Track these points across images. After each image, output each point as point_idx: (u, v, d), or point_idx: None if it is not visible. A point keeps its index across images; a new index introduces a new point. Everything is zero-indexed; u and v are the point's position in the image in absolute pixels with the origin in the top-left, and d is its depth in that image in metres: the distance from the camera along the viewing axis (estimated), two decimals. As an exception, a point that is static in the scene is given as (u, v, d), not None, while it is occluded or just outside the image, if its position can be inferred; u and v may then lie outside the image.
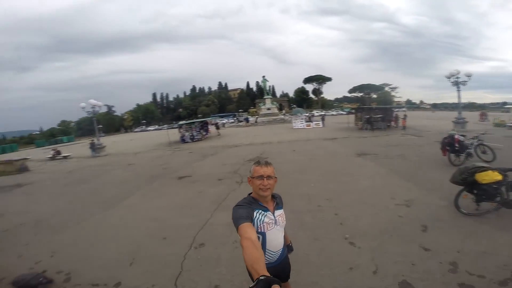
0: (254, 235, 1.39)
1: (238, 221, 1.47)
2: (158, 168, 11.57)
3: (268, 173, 1.67)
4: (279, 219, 1.77)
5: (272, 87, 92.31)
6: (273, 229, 1.70)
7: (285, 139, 17.64)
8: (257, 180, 1.66)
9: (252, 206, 1.64)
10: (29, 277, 3.22)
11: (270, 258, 1.71)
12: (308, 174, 7.82)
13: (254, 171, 1.70)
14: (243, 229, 1.40)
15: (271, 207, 1.74)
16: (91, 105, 21.02)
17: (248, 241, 1.30)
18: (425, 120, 27.81)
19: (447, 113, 37.06)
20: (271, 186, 1.68)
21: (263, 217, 1.65)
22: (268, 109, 40.15)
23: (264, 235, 1.66)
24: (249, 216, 1.55)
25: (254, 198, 1.71)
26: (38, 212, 6.69)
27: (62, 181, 11.08)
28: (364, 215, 4.52)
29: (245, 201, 1.69)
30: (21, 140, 65.55)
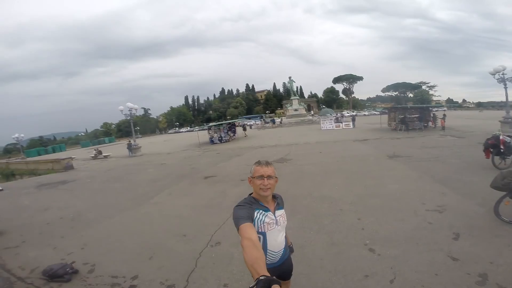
0: (255, 235, 1.39)
1: (239, 221, 1.46)
2: (186, 168, 12.05)
3: (268, 173, 1.67)
4: (280, 219, 1.74)
5: (300, 87, 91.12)
6: (274, 229, 1.68)
7: (312, 141, 17.29)
8: (258, 180, 1.65)
9: (253, 206, 1.63)
10: (57, 267, 3.54)
11: (272, 258, 1.70)
12: (333, 177, 7.58)
13: (254, 171, 1.70)
14: (244, 229, 1.40)
15: (272, 207, 1.72)
16: (129, 108, 22.55)
17: (249, 241, 1.30)
18: (468, 120, 25.45)
19: (494, 112, 33.46)
20: (271, 186, 1.67)
21: (264, 217, 1.64)
22: (295, 110, 39.63)
23: (265, 235, 1.64)
24: (250, 216, 1.54)
25: (255, 198, 1.70)
26: (77, 207, 7.34)
27: (101, 179, 12.03)
28: (389, 220, 4.26)
29: (245, 201, 1.67)
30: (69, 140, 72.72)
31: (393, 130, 19.52)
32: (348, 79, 77.15)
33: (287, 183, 7.36)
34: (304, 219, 4.63)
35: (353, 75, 76.97)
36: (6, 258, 4.33)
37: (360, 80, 77.85)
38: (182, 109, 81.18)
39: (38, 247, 4.73)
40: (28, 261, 4.13)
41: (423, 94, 69.56)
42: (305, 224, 4.41)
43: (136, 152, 21.46)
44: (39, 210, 7.45)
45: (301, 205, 5.44)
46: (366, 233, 3.87)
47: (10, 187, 12.84)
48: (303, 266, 3.09)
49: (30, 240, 5.12)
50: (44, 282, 3.43)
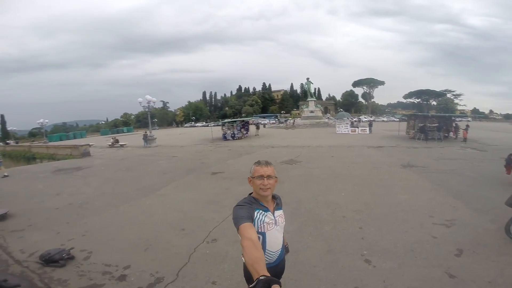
0: (255, 235, 1.38)
1: (239, 221, 1.46)
2: (196, 162, 12.17)
3: (268, 173, 1.67)
4: (279, 219, 1.74)
5: (318, 89, 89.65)
6: (273, 230, 1.68)
7: (325, 144, 16.95)
8: (257, 180, 1.65)
9: (253, 206, 1.62)
10: (54, 252, 3.63)
11: (269, 258, 1.68)
12: (341, 182, 7.38)
13: (254, 171, 1.70)
14: (244, 229, 1.39)
15: (271, 208, 1.72)
16: (147, 101, 23.14)
17: (249, 241, 1.30)
18: (493, 132, 24.05)
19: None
20: (271, 186, 1.67)
21: (264, 217, 1.63)
22: (311, 112, 39.07)
23: (264, 235, 1.64)
24: (250, 216, 1.54)
25: (255, 198, 1.69)
26: (86, 194, 7.57)
27: (114, 168, 12.38)
28: (392, 231, 4.08)
29: (245, 201, 1.66)
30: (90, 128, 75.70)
31: (411, 138, 18.77)
32: (368, 83, 75.06)
33: (293, 185, 7.26)
34: (304, 224, 4.52)
35: (374, 79, 74.82)
36: (10, 241, 4.51)
37: (382, 84, 75.60)
38: (199, 104, 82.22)
39: (42, 231, 4.90)
40: (29, 245, 4.27)
41: (448, 103, 66.37)
42: (304, 228, 4.31)
43: (151, 143, 21.97)
44: (51, 195, 7.75)
45: (304, 208, 5.33)
46: (365, 243, 3.72)
47: (29, 171, 13.50)
48: (295, 271, 3.01)
49: (36, 224, 5.31)
50: (39, 266, 3.53)
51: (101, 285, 3.00)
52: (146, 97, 22.94)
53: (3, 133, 58.45)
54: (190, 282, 2.99)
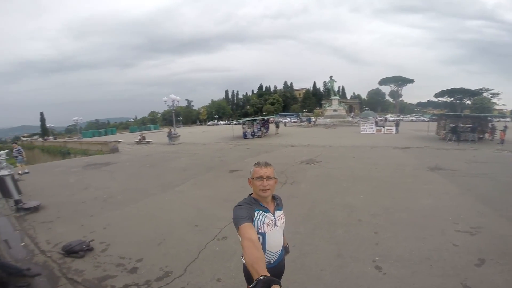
0: (255, 236, 1.39)
1: (239, 221, 1.46)
2: (216, 160, 12.38)
3: (267, 174, 1.67)
4: (279, 220, 1.75)
5: (342, 87, 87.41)
6: (273, 230, 1.68)
7: (348, 144, 16.44)
8: (257, 181, 1.66)
9: (253, 206, 1.63)
10: (75, 244, 3.87)
11: (269, 259, 1.69)
12: (361, 184, 7.11)
13: (254, 172, 1.71)
14: (244, 229, 1.40)
15: (271, 208, 1.73)
16: (172, 100, 23.96)
17: (249, 242, 1.30)
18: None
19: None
20: (271, 187, 1.67)
21: (264, 218, 1.64)
22: (334, 111, 38.04)
23: (264, 235, 1.65)
24: (250, 216, 1.55)
25: (255, 198, 1.70)
26: (111, 189, 7.99)
27: (139, 163, 12.96)
28: (409, 237, 3.86)
29: (246, 201, 1.67)
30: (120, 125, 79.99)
31: (442, 139, 17.61)
32: (396, 81, 71.52)
33: (310, 186, 7.12)
34: (317, 226, 4.42)
35: (402, 77, 71.12)
36: (39, 231, 4.87)
37: (410, 83, 71.69)
38: (222, 103, 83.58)
39: (68, 223, 5.24)
40: (55, 236, 4.59)
41: (484, 102, 61.32)
42: (316, 231, 4.21)
43: (175, 141, 22.73)
44: (80, 188, 8.28)
45: (318, 210, 5.21)
46: (379, 249, 3.56)
47: (63, 165, 14.56)
48: (301, 274, 2.95)
49: (64, 216, 5.70)
50: (61, 257, 3.78)
51: (113, 277, 3.16)
52: (170, 96, 23.76)
53: (43, 129, 63.64)
54: (196, 278, 3.05)
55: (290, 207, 5.43)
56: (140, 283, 3.00)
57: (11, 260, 3.70)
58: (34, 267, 3.43)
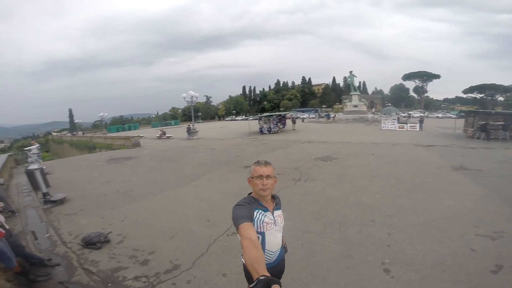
0: (254, 235, 1.39)
1: (239, 221, 1.47)
2: (231, 155, 12.50)
3: (267, 173, 1.67)
4: (278, 219, 1.75)
5: (363, 83, 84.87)
6: (272, 229, 1.69)
7: (367, 140, 15.92)
8: (257, 180, 1.65)
9: (252, 205, 1.63)
10: (94, 235, 4.09)
11: (268, 258, 1.70)
12: (378, 183, 6.87)
13: (253, 171, 1.70)
14: (244, 229, 1.41)
15: (270, 208, 1.73)
16: (190, 96, 24.43)
17: (249, 241, 1.31)
18: None
19: None
20: (270, 186, 1.67)
21: (263, 217, 1.64)
22: (354, 106, 36.88)
23: (264, 235, 1.65)
24: (250, 216, 1.55)
25: (255, 198, 1.70)
26: (132, 182, 8.32)
27: (158, 158, 13.39)
28: (424, 240, 3.69)
29: (245, 200, 1.68)
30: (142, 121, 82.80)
31: (469, 137, 16.53)
32: (421, 77, 67.75)
33: (324, 183, 7.00)
34: (328, 225, 4.35)
35: (427, 73, 67.22)
36: (63, 223, 5.19)
37: (436, 78, 67.59)
38: (239, 99, 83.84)
39: (90, 216, 5.53)
40: (77, 227, 4.87)
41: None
42: (327, 230, 4.15)
43: (194, 136, 23.20)
44: (103, 182, 8.70)
45: (331, 209, 5.11)
46: (390, 251, 3.43)
47: (89, 159, 15.37)
48: (305, 273, 2.93)
49: (86, 209, 6.02)
50: (80, 248, 4.02)
51: (126, 268, 3.32)
52: (189, 93, 24.21)
53: (71, 125, 67.41)
54: (203, 272, 3.13)
55: (301, 205, 5.40)
56: (149, 275, 3.13)
57: (35, 251, 3.98)
58: (55, 257, 3.67)
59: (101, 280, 3.11)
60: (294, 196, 5.98)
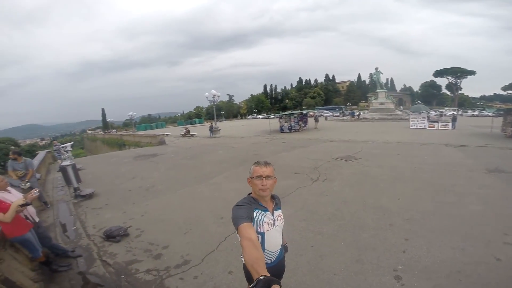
0: (254, 235, 1.40)
1: (238, 221, 1.48)
2: (250, 153, 12.58)
3: (267, 173, 1.68)
4: (278, 219, 1.76)
5: (390, 80, 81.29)
6: (272, 229, 1.69)
7: (394, 140, 15.18)
8: (257, 180, 1.66)
9: (252, 206, 1.64)
10: (114, 229, 4.34)
11: (268, 258, 1.70)
12: (401, 185, 6.54)
13: (253, 171, 1.72)
14: (243, 229, 1.42)
15: (270, 208, 1.73)
16: (212, 95, 24.95)
17: (248, 241, 1.32)
18: None
19: None
20: (270, 186, 1.67)
21: (263, 217, 1.65)
22: (381, 104, 35.33)
23: (264, 235, 1.65)
24: (249, 216, 1.56)
25: (254, 198, 1.71)
26: (154, 179, 8.68)
27: (181, 155, 13.84)
28: (444, 247, 3.46)
29: (245, 201, 1.68)
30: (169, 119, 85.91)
31: (508, 137, 15.14)
32: (454, 73, 62.75)
33: (343, 184, 6.79)
34: (341, 227, 4.22)
35: (462, 69, 62.09)
36: (89, 216, 5.55)
37: (472, 74, 62.21)
38: (261, 97, 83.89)
39: (114, 210, 5.86)
40: (101, 221, 5.19)
41: None
42: (339, 232, 4.03)
43: (216, 134, 23.70)
44: (128, 178, 9.17)
45: (347, 211, 4.95)
46: (404, 257, 3.26)
47: (118, 156, 16.30)
48: (311, 276, 2.87)
49: (111, 203, 6.38)
50: (101, 240, 4.28)
51: (140, 261, 3.49)
52: (211, 92, 24.77)
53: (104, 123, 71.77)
54: (210, 268, 3.20)
55: (317, 205, 5.30)
56: (160, 268, 3.27)
57: (61, 242, 4.30)
58: (78, 249, 3.95)
59: (115, 272, 3.30)
60: (310, 197, 5.88)
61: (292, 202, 5.53)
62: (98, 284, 3.08)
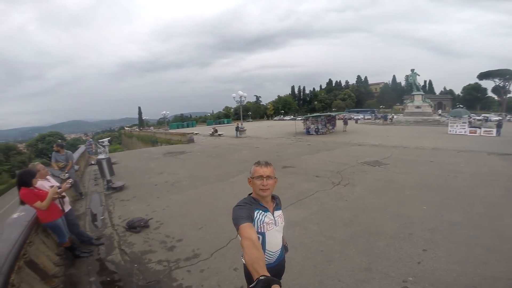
0: (255, 235, 1.41)
1: (239, 221, 1.49)
2: (273, 154, 12.60)
3: (267, 173, 1.68)
4: (278, 219, 1.76)
5: (429, 82, 76.21)
6: (273, 230, 1.70)
7: (428, 146, 14.20)
8: (257, 180, 1.67)
9: (252, 206, 1.65)
10: (136, 220, 4.65)
11: (269, 258, 1.71)
12: (429, 193, 6.12)
13: (254, 171, 1.73)
14: (244, 229, 1.43)
15: (271, 208, 1.74)
16: (239, 96, 25.38)
17: (249, 241, 1.33)
18: None
19: None
20: (270, 187, 1.68)
21: (264, 218, 1.66)
22: (417, 107, 33.08)
23: (264, 235, 1.66)
24: (250, 216, 1.57)
25: (255, 198, 1.72)
26: (180, 175, 9.09)
27: (207, 154, 14.30)
28: (464, 261, 3.20)
29: (245, 201, 1.70)
30: (199, 119, 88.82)
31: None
32: (502, 75, 56.46)
33: (365, 190, 6.51)
34: (356, 233, 4.09)
35: (510, 71, 56.13)
36: (117, 208, 5.99)
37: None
38: (288, 98, 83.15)
39: (139, 203, 6.26)
40: (127, 212, 5.57)
41: None
42: (353, 239, 3.90)
43: (242, 134, 24.05)
44: (156, 173, 9.70)
45: (365, 217, 4.77)
46: (418, 268, 3.07)
47: (149, 152, 17.28)
48: (314, 280, 2.84)
49: (138, 196, 6.82)
50: (123, 230, 4.62)
51: (154, 252, 3.71)
52: (238, 93, 25.22)
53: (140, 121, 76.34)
54: (218, 264, 3.31)
55: (333, 210, 5.18)
56: (171, 260, 3.45)
57: (88, 230, 4.70)
58: (102, 238, 4.31)
59: (130, 260, 3.56)
60: (328, 201, 5.77)
61: (308, 205, 5.47)
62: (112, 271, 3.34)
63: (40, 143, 52.00)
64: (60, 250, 3.66)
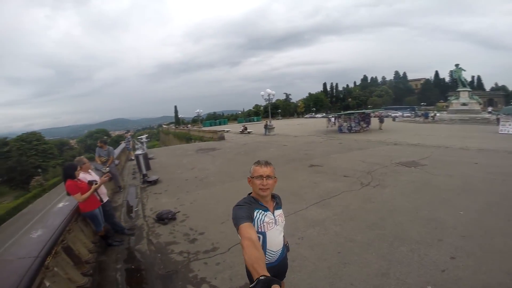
0: (255, 235, 1.42)
1: (239, 221, 1.49)
2: (301, 152, 12.47)
3: (267, 173, 1.69)
4: (279, 219, 1.77)
5: (477, 77, 69.09)
6: (273, 229, 1.70)
7: (474, 146, 12.87)
8: (257, 180, 1.68)
9: (252, 206, 1.66)
10: (164, 212, 4.98)
11: (270, 258, 1.73)
12: (469, 197, 5.60)
13: (253, 171, 1.74)
14: (244, 229, 1.43)
15: (271, 207, 1.75)
16: (268, 94, 25.46)
17: (249, 241, 1.33)
18: None
19: None
20: (270, 186, 1.69)
21: (264, 217, 1.67)
22: (462, 104, 29.96)
23: (265, 235, 1.67)
24: (250, 216, 1.58)
25: (255, 198, 1.73)
26: (209, 171, 9.47)
27: (235, 151, 14.64)
28: (495, 271, 2.93)
29: (245, 201, 1.71)
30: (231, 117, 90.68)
31: None
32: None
33: (396, 192, 6.14)
34: (379, 237, 3.92)
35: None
36: (150, 200, 6.46)
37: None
38: (320, 96, 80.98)
39: (170, 196, 6.68)
40: (158, 205, 5.98)
41: None
42: (375, 242, 3.75)
43: (270, 132, 24.12)
44: (188, 168, 10.22)
45: (392, 221, 4.54)
46: (440, 277, 2.87)
47: (183, 148, 18.19)
48: (326, 282, 2.82)
49: (170, 190, 7.27)
50: (152, 222, 4.99)
51: (177, 243, 3.98)
52: (266, 91, 25.32)
53: (176, 119, 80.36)
54: (233, 258, 3.44)
55: (358, 212, 5.03)
56: (191, 252, 3.67)
57: (122, 221, 5.14)
58: (134, 228, 4.69)
59: (155, 250, 3.85)
60: (354, 202, 5.58)
61: (332, 206, 5.36)
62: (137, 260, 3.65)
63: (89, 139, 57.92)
64: (96, 238, 4.04)
